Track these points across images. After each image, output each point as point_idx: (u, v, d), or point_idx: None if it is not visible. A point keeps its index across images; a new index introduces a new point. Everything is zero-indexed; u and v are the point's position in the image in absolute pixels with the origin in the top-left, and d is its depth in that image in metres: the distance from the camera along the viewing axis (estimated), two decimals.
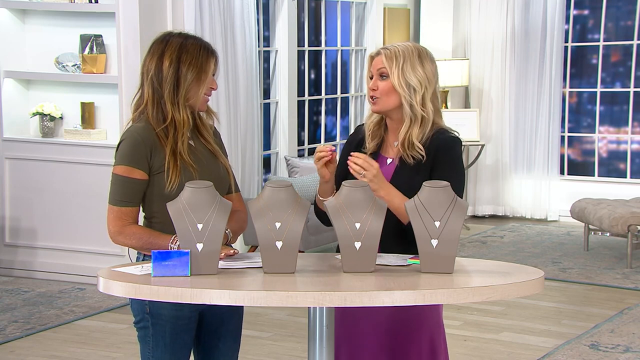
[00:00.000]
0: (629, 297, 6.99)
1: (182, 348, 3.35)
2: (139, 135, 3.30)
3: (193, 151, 3.36)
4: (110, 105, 7.17)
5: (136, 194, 3.31)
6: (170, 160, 3.28)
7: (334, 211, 3.07)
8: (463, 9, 9.95)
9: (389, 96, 3.41)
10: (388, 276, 3.01)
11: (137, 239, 3.29)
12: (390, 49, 3.42)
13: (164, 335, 3.32)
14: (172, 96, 3.31)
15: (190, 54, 3.31)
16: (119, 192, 3.32)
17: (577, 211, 8.43)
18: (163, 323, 3.30)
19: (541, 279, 3.04)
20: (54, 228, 7.31)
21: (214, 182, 3.23)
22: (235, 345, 3.51)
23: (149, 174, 3.30)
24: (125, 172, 3.30)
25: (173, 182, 3.27)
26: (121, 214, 3.32)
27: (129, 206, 3.32)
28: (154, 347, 3.35)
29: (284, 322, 6.17)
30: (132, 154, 3.28)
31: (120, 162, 3.32)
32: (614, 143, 10.17)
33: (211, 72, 3.34)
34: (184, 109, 3.31)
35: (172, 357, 3.34)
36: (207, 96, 3.37)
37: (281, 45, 8.62)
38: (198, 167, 3.32)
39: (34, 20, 7.42)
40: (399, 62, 3.38)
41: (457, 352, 5.60)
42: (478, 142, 9.53)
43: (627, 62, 9.87)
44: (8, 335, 5.89)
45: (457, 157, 3.43)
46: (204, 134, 3.42)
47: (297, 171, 8.38)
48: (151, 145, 3.29)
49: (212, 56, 3.35)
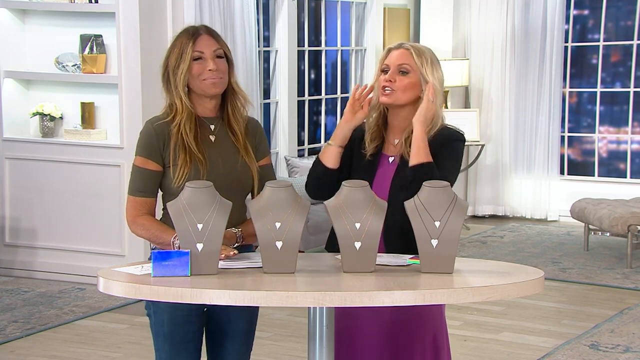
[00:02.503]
0: (629, 297, 6.99)
1: (183, 341, 3.35)
2: (152, 127, 3.37)
3: (211, 147, 3.37)
4: (110, 105, 7.17)
5: (150, 185, 3.36)
6: (180, 153, 3.31)
7: (334, 211, 3.07)
8: (463, 9, 9.95)
9: (405, 92, 3.42)
10: (388, 276, 3.01)
11: (146, 229, 3.33)
12: (416, 47, 3.45)
13: (162, 324, 3.35)
14: (166, 87, 3.38)
15: (176, 41, 3.37)
16: (135, 182, 3.38)
17: (577, 211, 8.43)
18: (161, 312, 3.34)
19: (541, 279, 3.04)
20: (54, 228, 7.31)
21: (229, 181, 3.27)
22: (244, 347, 3.50)
23: (163, 166, 3.35)
24: (141, 163, 3.36)
25: (179, 179, 3.30)
26: (136, 203, 3.36)
27: (143, 196, 3.36)
28: (155, 335, 3.39)
29: (284, 322, 6.17)
30: (145, 145, 3.36)
31: (137, 153, 3.40)
32: (614, 143, 10.17)
33: (193, 56, 3.32)
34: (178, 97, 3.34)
35: (172, 348, 3.35)
36: (209, 80, 3.34)
37: (281, 45, 8.63)
38: (210, 165, 3.33)
39: (34, 20, 7.42)
40: (427, 62, 3.42)
41: (457, 352, 5.59)
42: (478, 142, 9.53)
43: (627, 62, 9.87)
44: (8, 335, 5.89)
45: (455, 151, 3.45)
46: (234, 127, 3.41)
47: (297, 171, 8.38)
48: (164, 137, 3.34)
49: (194, 39, 3.34)
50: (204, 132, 3.38)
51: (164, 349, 3.36)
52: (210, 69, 3.33)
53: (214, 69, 3.34)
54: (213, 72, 3.33)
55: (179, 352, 3.36)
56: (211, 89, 3.35)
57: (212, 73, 3.33)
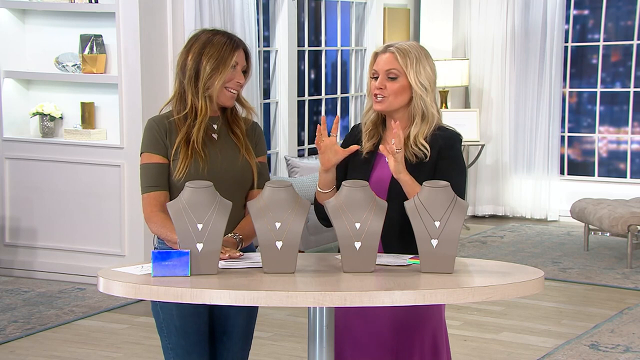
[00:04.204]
0: (629, 297, 6.99)
1: (196, 333, 3.37)
2: (154, 121, 3.41)
3: (213, 144, 3.40)
4: (110, 105, 7.17)
5: (159, 178, 3.38)
6: (182, 148, 3.34)
7: (334, 211, 3.07)
8: (463, 9, 9.95)
9: (397, 96, 3.40)
10: (388, 276, 3.01)
11: (158, 227, 3.34)
12: (401, 48, 3.40)
13: (173, 318, 3.36)
14: (192, 86, 3.38)
15: (214, 46, 3.37)
16: (144, 178, 3.40)
17: (577, 211, 8.43)
18: (169, 306, 3.35)
19: (541, 279, 3.04)
20: (54, 228, 7.31)
21: (229, 177, 3.31)
22: (242, 344, 3.53)
23: (168, 158, 3.37)
24: (146, 159, 3.40)
25: (180, 172, 3.33)
26: (150, 199, 3.38)
27: (154, 190, 3.38)
28: (168, 334, 3.39)
29: (284, 322, 6.17)
30: (149, 139, 3.40)
31: (142, 151, 3.44)
32: (614, 143, 10.17)
33: (231, 64, 3.36)
34: (202, 98, 3.37)
35: (187, 341, 3.37)
36: (231, 91, 3.39)
37: (281, 45, 8.63)
38: (210, 160, 3.36)
39: (34, 20, 7.42)
40: (412, 62, 3.38)
41: (457, 352, 5.59)
42: (478, 142, 9.53)
43: (627, 62, 9.87)
44: (8, 335, 5.89)
45: (459, 154, 3.44)
46: (235, 129, 3.46)
47: (297, 171, 8.38)
48: (166, 129, 3.38)
49: (236, 49, 3.39)
50: (208, 131, 3.43)
51: (180, 345, 3.37)
52: (239, 81, 3.40)
53: (242, 82, 3.42)
54: (238, 85, 3.40)
55: (195, 344, 3.37)
56: (228, 101, 3.42)
57: (237, 85, 3.40)
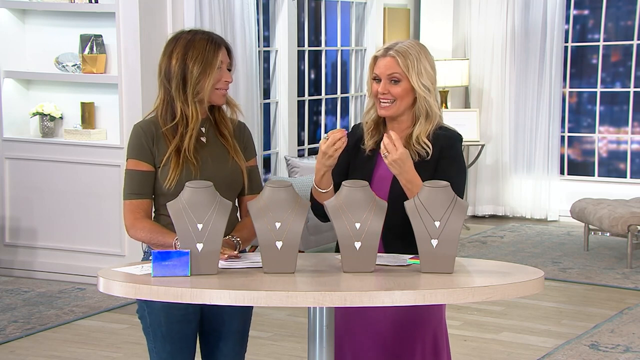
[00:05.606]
0: (629, 297, 6.99)
1: (182, 339, 3.35)
2: (141, 128, 3.36)
3: (203, 148, 3.36)
4: (110, 105, 7.17)
5: (145, 186, 3.34)
6: (172, 157, 3.30)
7: (333, 211, 3.06)
8: (463, 9, 9.95)
9: (402, 100, 3.40)
10: (388, 276, 3.01)
11: (146, 233, 3.30)
12: (401, 50, 3.37)
13: (160, 324, 3.34)
14: (180, 93, 3.32)
15: (197, 48, 3.31)
16: (129, 185, 3.36)
17: (577, 211, 8.43)
18: (157, 313, 3.33)
19: (541, 279, 3.04)
20: (54, 228, 7.31)
21: (220, 181, 3.25)
22: (238, 347, 3.50)
23: (154, 166, 3.33)
24: (132, 165, 3.35)
25: (171, 180, 3.29)
26: (133, 207, 3.34)
27: (139, 198, 3.34)
28: (154, 338, 3.38)
29: (284, 322, 6.17)
30: (135, 147, 3.34)
31: (128, 157, 3.39)
32: (614, 143, 10.17)
33: (217, 65, 3.32)
34: (192, 104, 3.32)
35: (173, 347, 3.35)
36: (221, 90, 3.35)
37: (281, 45, 8.62)
38: (201, 166, 3.33)
39: (34, 20, 7.42)
40: (413, 64, 3.36)
41: (457, 352, 5.59)
42: (478, 142, 9.52)
43: (627, 62, 9.87)
44: (8, 335, 5.89)
45: (459, 154, 3.45)
46: (223, 130, 3.41)
47: (297, 171, 8.38)
48: (152, 137, 3.33)
49: (219, 49, 3.33)
50: (198, 135, 3.38)
51: (165, 350, 3.35)
52: (227, 80, 3.36)
53: (230, 81, 3.38)
54: (226, 83, 3.36)
55: (180, 350, 3.36)
56: (220, 100, 3.38)
57: (226, 84, 3.36)
